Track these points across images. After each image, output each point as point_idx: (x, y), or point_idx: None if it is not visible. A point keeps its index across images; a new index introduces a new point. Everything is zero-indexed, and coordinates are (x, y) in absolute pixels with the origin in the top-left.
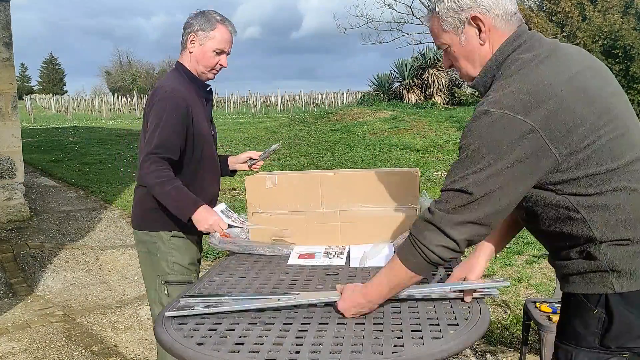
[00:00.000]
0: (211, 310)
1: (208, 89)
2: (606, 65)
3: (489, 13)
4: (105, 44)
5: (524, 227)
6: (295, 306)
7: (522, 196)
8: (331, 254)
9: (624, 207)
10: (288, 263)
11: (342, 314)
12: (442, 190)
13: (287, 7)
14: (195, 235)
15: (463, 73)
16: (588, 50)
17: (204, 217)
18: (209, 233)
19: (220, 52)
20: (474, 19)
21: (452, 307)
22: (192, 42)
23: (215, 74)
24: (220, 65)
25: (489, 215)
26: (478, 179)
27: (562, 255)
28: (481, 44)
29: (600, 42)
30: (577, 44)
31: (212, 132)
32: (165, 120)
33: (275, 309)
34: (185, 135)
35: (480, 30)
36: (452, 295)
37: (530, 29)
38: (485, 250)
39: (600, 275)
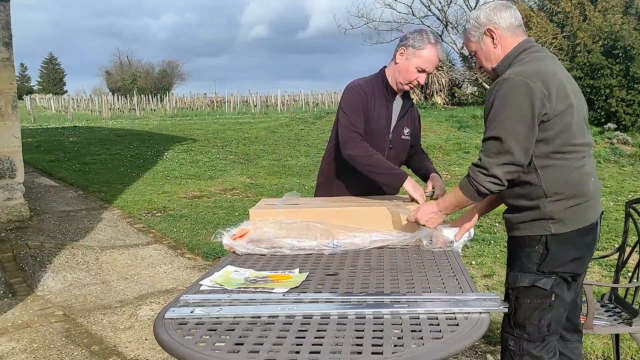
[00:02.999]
0: (210, 315)
1: (403, 98)
2: (606, 65)
3: (498, 26)
4: (111, 44)
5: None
6: (295, 306)
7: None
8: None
9: (566, 169)
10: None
11: (416, 221)
12: (483, 140)
13: (293, 7)
14: None
15: (485, 69)
16: (588, 51)
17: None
18: None
19: (422, 71)
20: (489, 30)
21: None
22: (401, 54)
23: (410, 88)
24: (418, 82)
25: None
26: (502, 126)
27: (517, 209)
28: (494, 47)
29: (600, 43)
30: (578, 44)
31: (390, 135)
32: None
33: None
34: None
35: (493, 38)
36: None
37: (530, 29)
38: (477, 207)
39: (542, 222)
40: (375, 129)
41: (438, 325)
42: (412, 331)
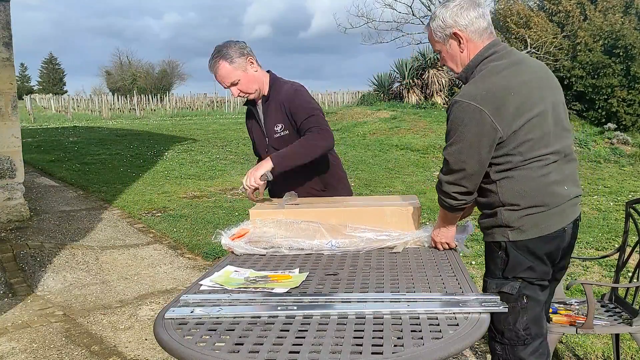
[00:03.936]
0: (210, 315)
1: (263, 103)
2: (608, 64)
3: (465, 30)
4: (112, 44)
5: None
6: (295, 306)
7: (485, 161)
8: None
9: (523, 181)
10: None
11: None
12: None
13: (296, 8)
14: None
15: (451, 69)
16: (589, 50)
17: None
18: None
19: (226, 87)
20: (455, 34)
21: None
22: None
23: (243, 97)
24: (235, 95)
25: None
26: (452, 150)
27: (483, 215)
28: (461, 51)
29: (601, 42)
30: (578, 43)
31: (266, 138)
32: None
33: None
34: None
35: (459, 41)
36: (442, 314)
37: (530, 28)
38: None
39: (501, 229)
40: (255, 139)
41: (438, 325)
42: (412, 331)
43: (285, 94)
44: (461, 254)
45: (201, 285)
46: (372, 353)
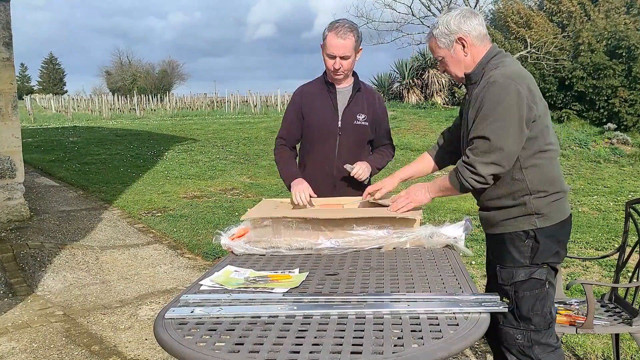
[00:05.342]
0: (210, 315)
1: (353, 90)
2: (610, 65)
3: (469, 35)
4: (114, 44)
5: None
6: (295, 306)
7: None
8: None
9: (547, 168)
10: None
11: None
12: (471, 139)
13: (299, 8)
14: None
15: (452, 75)
16: (592, 50)
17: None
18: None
19: (332, 57)
20: (460, 39)
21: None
22: (321, 49)
23: (339, 76)
24: (334, 68)
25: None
26: (493, 128)
27: (500, 207)
28: (465, 55)
29: (604, 42)
30: (581, 44)
31: (339, 122)
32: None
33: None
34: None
35: (464, 46)
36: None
37: (531, 28)
38: (401, 173)
39: (529, 217)
40: (320, 120)
41: (438, 325)
42: (412, 331)
43: (376, 94)
44: (461, 255)
45: (201, 285)
46: (372, 353)
